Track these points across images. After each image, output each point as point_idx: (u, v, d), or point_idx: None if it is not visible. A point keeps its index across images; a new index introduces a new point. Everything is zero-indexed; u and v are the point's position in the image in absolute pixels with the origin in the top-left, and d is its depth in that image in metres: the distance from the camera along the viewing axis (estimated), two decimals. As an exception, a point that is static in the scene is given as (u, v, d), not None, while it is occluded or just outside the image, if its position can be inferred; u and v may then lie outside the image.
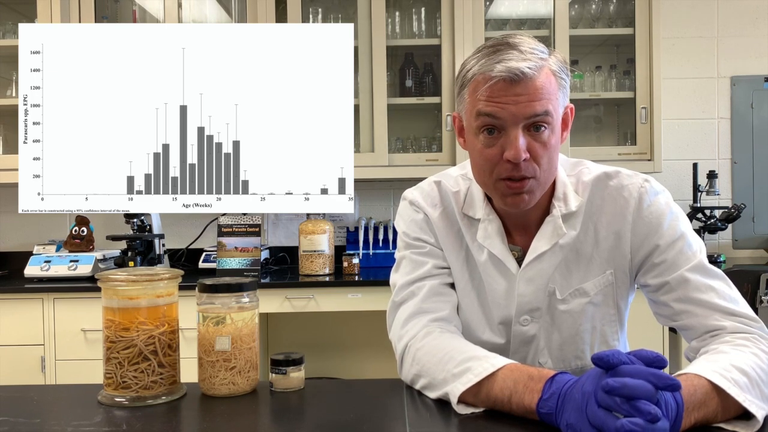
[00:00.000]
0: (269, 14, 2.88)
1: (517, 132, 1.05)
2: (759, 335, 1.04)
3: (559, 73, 1.09)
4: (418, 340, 1.12)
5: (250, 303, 1.10)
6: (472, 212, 1.21)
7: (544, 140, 1.07)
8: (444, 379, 1.02)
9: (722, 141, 3.29)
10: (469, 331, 1.23)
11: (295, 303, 2.65)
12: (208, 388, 1.08)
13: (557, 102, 1.08)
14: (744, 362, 0.95)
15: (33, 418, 1.00)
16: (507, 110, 1.04)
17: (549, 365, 1.20)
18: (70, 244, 2.89)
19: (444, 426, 0.95)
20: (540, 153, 1.07)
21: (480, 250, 1.20)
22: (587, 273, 1.18)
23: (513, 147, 1.05)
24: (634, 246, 1.16)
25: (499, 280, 1.19)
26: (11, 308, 2.60)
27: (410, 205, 1.27)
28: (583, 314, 1.19)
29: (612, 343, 1.22)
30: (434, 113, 3.11)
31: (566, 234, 1.16)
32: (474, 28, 2.91)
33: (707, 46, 3.27)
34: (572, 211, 1.16)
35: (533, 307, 1.18)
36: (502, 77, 1.03)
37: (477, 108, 1.07)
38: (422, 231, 1.23)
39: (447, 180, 1.26)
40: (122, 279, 1.06)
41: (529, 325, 1.19)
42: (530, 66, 1.03)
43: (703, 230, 3.05)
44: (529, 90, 1.04)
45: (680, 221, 1.15)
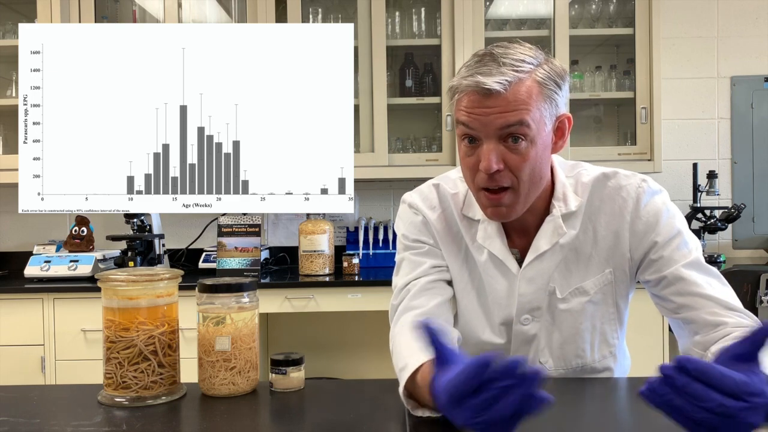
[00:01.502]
0: (269, 14, 2.88)
1: (490, 143, 1.06)
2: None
3: (546, 84, 1.07)
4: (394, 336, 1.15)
5: (250, 303, 1.10)
6: (472, 213, 1.22)
7: (522, 151, 1.07)
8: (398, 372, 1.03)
9: (722, 141, 3.29)
10: (470, 331, 1.24)
11: (295, 303, 2.65)
12: (208, 388, 1.08)
13: (540, 113, 1.07)
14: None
15: (33, 418, 1.00)
16: (479, 121, 1.06)
17: (550, 365, 1.21)
18: (70, 244, 2.89)
19: (444, 426, 0.95)
20: (517, 164, 1.07)
21: (480, 250, 1.21)
22: (587, 272, 1.19)
23: (485, 158, 1.07)
24: (633, 244, 1.17)
25: (499, 280, 1.20)
26: (11, 308, 2.60)
27: (409, 208, 1.28)
28: (583, 313, 1.20)
29: (612, 342, 1.24)
30: (434, 113, 3.11)
31: (566, 233, 1.17)
32: (474, 28, 2.91)
33: (707, 46, 3.28)
34: (572, 211, 1.17)
35: (534, 306, 1.19)
36: (472, 91, 1.06)
37: (456, 116, 1.10)
38: (421, 233, 1.25)
39: (446, 182, 1.28)
40: (122, 279, 1.06)
41: (530, 324, 1.20)
42: (501, 81, 1.04)
43: (703, 230, 3.05)
44: (500, 103, 1.04)
45: (677, 219, 1.17)
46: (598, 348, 1.22)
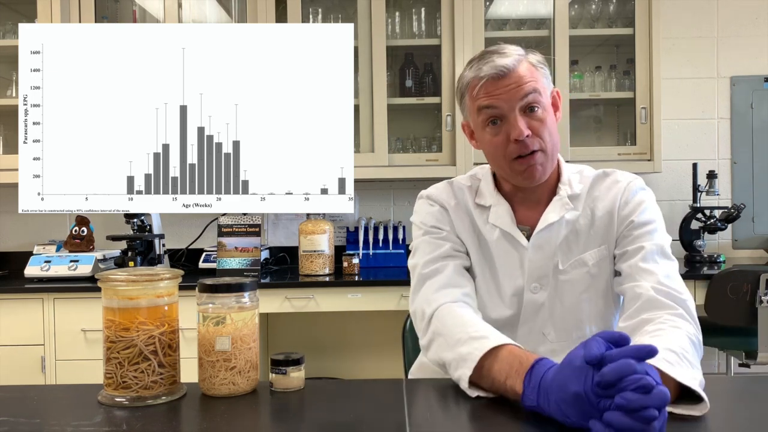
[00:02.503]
0: (269, 14, 2.88)
1: (515, 115, 1.25)
2: (676, 314, 1.14)
3: (537, 64, 1.29)
4: (448, 306, 1.21)
5: (250, 303, 1.10)
6: (484, 201, 1.36)
7: (540, 117, 1.26)
8: (459, 340, 1.10)
9: (722, 141, 3.29)
10: (483, 308, 1.32)
11: (295, 303, 2.66)
12: (208, 388, 1.08)
13: (542, 84, 1.28)
14: (670, 341, 1.03)
15: (33, 418, 1.00)
16: (501, 99, 1.25)
17: (552, 336, 1.31)
18: (70, 244, 2.89)
19: (445, 426, 0.95)
20: (540, 129, 1.26)
21: (492, 230, 1.34)
22: (586, 247, 1.32)
23: (515, 128, 1.24)
24: (618, 223, 1.31)
25: (511, 252, 1.32)
26: (11, 308, 2.60)
27: (426, 199, 1.40)
28: (582, 283, 1.31)
29: (608, 318, 1.33)
30: (434, 113, 3.11)
31: (572, 209, 1.32)
32: (474, 28, 2.91)
33: (707, 46, 3.28)
34: (576, 193, 1.33)
35: (542, 273, 1.31)
36: (491, 75, 1.25)
37: (477, 105, 1.28)
38: (438, 221, 1.36)
39: (458, 179, 1.43)
40: (122, 279, 1.06)
41: (539, 292, 1.31)
42: (510, 61, 1.26)
43: (703, 230, 3.05)
44: (514, 79, 1.25)
45: (657, 215, 1.31)
46: (596, 321, 1.32)
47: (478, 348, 1.05)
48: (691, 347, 1.06)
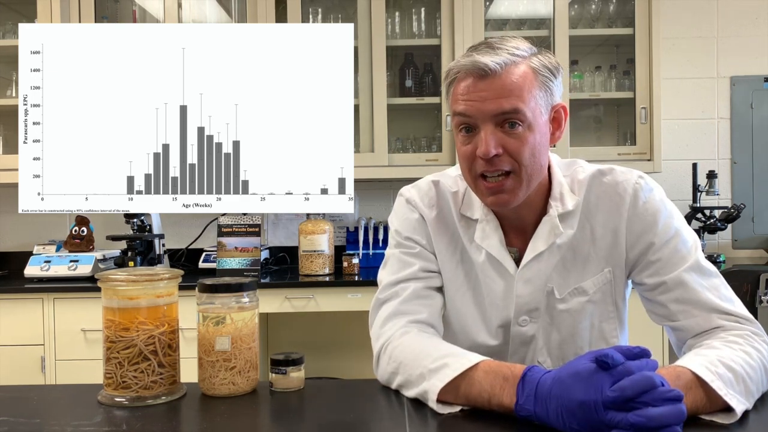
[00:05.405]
0: (269, 14, 2.88)
1: (486, 128, 1.07)
2: (752, 332, 1.05)
3: (540, 71, 1.09)
4: (395, 339, 1.11)
5: (250, 303, 1.10)
6: (470, 213, 1.21)
7: (520, 135, 1.07)
8: (420, 375, 1.01)
9: (722, 141, 3.29)
10: (465, 332, 1.22)
11: (295, 303, 2.65)
12: (208, 388, 1.08)
13: (535, 100, 1.08)
14: (732, 358, 0.96)
15: (33, 418, 1.00)
16: (474, 107, 1.07)
17: (548, 364, 1.20)
18: (70, 244, 2.89)
19: (444, 426, 0.95)
20: (517, 148, 1.07)
21: (478, 250, 1.20)
22: (585, 272, 1.18)
23: (482, 143, 1.07)
24: (629, 242, 1.16)
25: (497, 280, 1.19)
26: (11, 308, 2.60)
27: (406, 203, 1.26)
28: (583, 312, 1.19)
29: (611, 341, 1.22)
30: (434, 113, 3.11)
31: (563, 233, 1.16)
32: (474, 28, 2.91)
33: (707, 46, 3.28)
34: (569, 210, 1.16)
35: (532, 307, 1.18)
36: (467, 70, 1.07)
37: (453, 108, 1.11)
38: (415, 231, 1.23)
39: (445, 180, 1.26)
40: (122, 279, 1.06)
41: (528, 325, 1.19)
42: (496, 61, 1.05)
43: (703, 230, 3.05)
44: (495, 87, 1.05)
45: (675, 218, 1.15)
46: (597, 346, 1.20)
47: (442, 379, 0.97)
48: (757, 372, 0.97)
